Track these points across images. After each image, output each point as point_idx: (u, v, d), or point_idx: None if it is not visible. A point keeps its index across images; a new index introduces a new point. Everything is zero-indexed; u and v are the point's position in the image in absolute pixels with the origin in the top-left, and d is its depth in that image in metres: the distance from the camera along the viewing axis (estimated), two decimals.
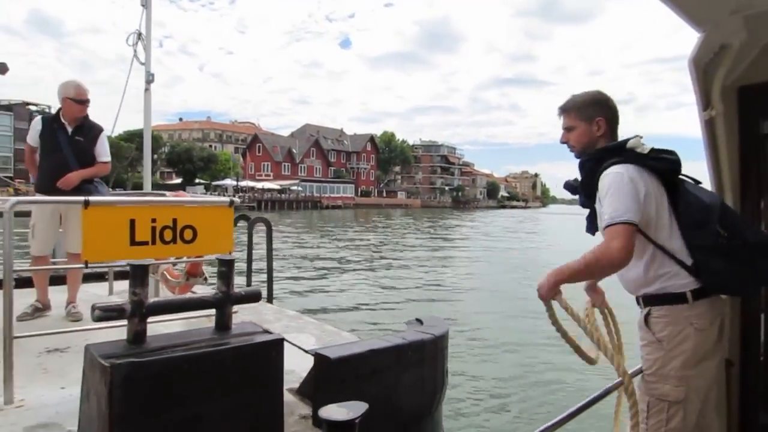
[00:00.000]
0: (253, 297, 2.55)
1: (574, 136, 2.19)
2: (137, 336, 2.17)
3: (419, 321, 3.37)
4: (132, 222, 2.92)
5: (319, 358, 2.65)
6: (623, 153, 2.01)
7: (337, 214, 68.21)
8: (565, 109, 2.23)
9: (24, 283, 5.36)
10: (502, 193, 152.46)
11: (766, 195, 2.57)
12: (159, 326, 2.84)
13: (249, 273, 5.76)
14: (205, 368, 2.19)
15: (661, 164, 1.98)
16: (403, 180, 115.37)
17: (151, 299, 2.23)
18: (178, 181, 69.83)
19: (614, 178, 1.94)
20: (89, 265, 3.05)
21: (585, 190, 2.16)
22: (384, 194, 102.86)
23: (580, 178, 2.18)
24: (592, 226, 2.17)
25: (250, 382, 2.32)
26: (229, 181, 69.58)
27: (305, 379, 2.85)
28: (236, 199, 3.36)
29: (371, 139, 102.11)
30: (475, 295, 14.45)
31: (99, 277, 5.80)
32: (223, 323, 2.43)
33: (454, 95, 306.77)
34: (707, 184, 2.68)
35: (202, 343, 2.28)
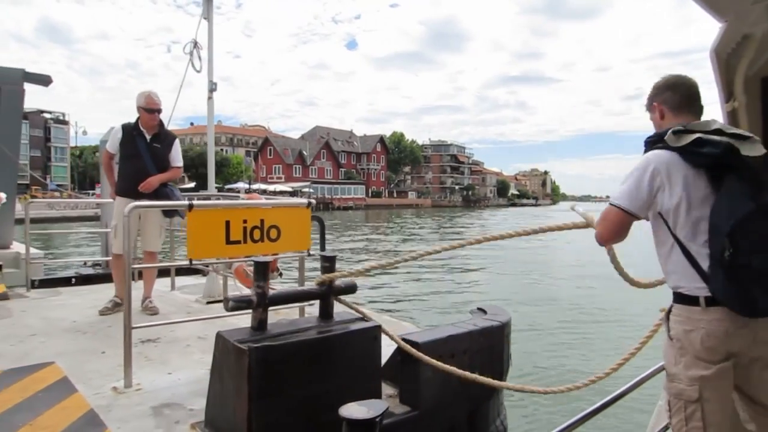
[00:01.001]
0: (351, 289, 2.84)
1: (653, 127, 2.16)
2: (261, 323, 2.47)
3: (482, 310, 3.64)
4: (227, 223, 3.22)
5: (406, 343, 2.92)
6: (665, 140, 1.94)
7: (349, 215, 68.49)
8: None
9: (104, 278, 5.74)
10: (512, 191, 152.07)
11: None
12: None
13: None
14: (319, 351, 2.48)
15: (697, 159, 1.87)
16: (413, 180, 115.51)
17: (271, 292, 2.52)
18: (192, 185, 70.34)
19: (639, 163, 1.95)
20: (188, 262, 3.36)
21: None
22: (394, 195, 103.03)
23: None
24: None
25: (354, 363, 2.61)
26: (241, 185, 69.95)
27: (387, 363, 3.12)
28: (312, 201, 3.65)
29: (381, 139, 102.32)
30: (509, 287, 14.99)
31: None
32: (326, 312, 2.72)
33: (461, 94, 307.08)
34: None
35: (313, 330, 2.57)
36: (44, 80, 8.93)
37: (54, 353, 3.43)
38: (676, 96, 2.06)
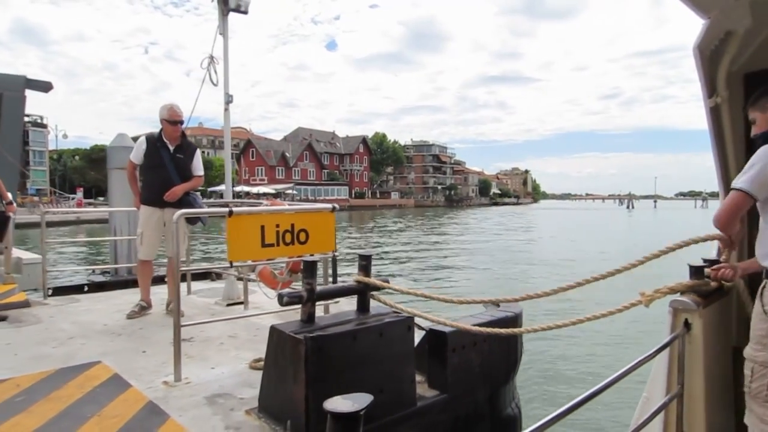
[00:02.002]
0: (384, 285, 3.12)
1: (757, 129, 2.28)
2: (310, 316, 2.74)
3: (495, 303, 3.94)
4: (262, 228, 3.47)
5: (434, 333, 3.21)
6: None
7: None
8: (749, 104, 2.32)
9: (117, 285, 5.93)
10: (494, 190, 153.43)
11: None
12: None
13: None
14: (362, 340, 2.75)
15: None
16: (396, 180, 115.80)
17: (318, 288, 2.79)
18: None
19: (760, 153, 2.09)
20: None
21: None
22: (377, 195, 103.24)
23: None
24: None
25: (392, 351, 2.88)
26: (224, 187, 69.53)
27: (414, 351, 3.39)
28: (337, 206, 3.92)
29: (363, 140, 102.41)
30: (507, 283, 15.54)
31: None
32: (364, 306, 3.00)
33: (442, 94, 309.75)
34: (712, 171, 2.75)
35: (355, 322, 2.85)
36: (45, 87, 9.08)
37: (97, 353, 3.64)
38: None
